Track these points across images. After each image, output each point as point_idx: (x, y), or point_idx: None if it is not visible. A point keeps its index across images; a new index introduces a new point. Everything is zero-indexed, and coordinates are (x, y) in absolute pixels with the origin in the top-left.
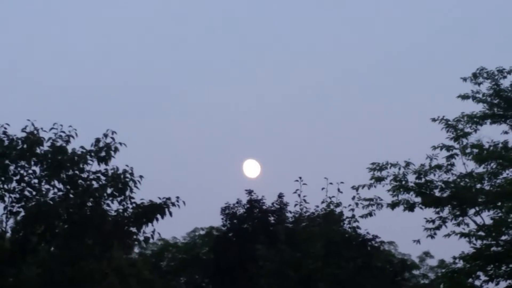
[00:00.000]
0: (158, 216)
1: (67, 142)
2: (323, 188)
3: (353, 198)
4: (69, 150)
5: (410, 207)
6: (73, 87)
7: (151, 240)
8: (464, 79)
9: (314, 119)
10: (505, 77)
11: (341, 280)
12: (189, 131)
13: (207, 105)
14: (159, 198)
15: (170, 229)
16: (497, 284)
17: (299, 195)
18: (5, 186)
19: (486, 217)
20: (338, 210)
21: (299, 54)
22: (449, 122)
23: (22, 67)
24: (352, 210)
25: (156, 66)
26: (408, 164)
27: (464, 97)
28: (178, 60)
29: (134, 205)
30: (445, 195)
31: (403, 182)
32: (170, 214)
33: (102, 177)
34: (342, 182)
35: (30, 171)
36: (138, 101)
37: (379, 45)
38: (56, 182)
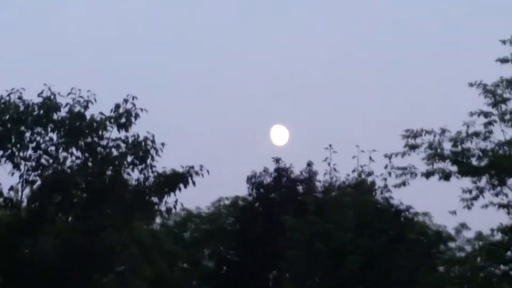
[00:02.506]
0: (181, 185)
1: (86, 107)
2: (354, 156)
3: (386, 166)
4: (88, 116)
5: (446, 176)
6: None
7: (173, 211)
8: (503, 42)
9: (345, 83)
10: None
11: (374, 252)
12: (211, 97)
13: (230, 70)
14: (182, 166)
15: (193, 199)
16: None
17: (329, 164)
18: (21, 154)
19: None
20: (370, 179)
21: (328, 12)
22: (487, 87)
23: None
24: (385, 179)
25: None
26: (443, 131)
27: (504, 60)
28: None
29: (155, 174)
30: (482, 163)
31: (439, 150)
32: (194, 183)
33: (122, 145)
34: (374, 150)
35: (46, 138)
36: (160, 66)
37: (412, 4)
38: (74, 150)
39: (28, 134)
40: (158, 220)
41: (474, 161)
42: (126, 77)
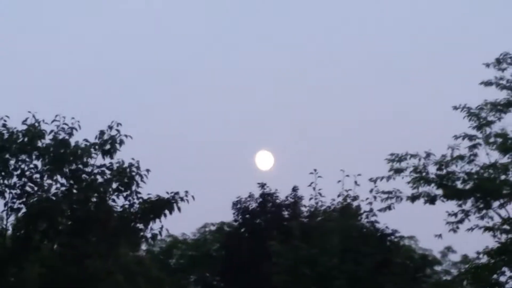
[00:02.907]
0: (166, 211)
1: (70, 134)
2: (339, 181)
3: (371, 191)
4: (72, 143)
5: (431, 200)
6: (74, 77)
7: (159, 237)
8: (487, 65)
9: (330, 109)
10: None
11: (359, 277)
12: (198, 123)
13: (215, 94)
14: (167, 192)
15: (179, 225)
16: None
17: (314, 188)
18: (6, 182)
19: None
20: (355, 203)
21: (313, 45)
22: (472, 110)
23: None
24: (370, 203)
25: (162, 55)
26: (428, 154)
27: (487, 83)
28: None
29: (140, 200)
30: (467, 187)
31: (424, 174)
32: (179, 209)
33: (107, 171)
34: (359, 175)
35: (31, 166)
36: (143, 92)
37: (397, 31)
38: (58, 177)
39: (12, 162)
40: (143, 246)
41: (459, 185)
42: (111, 103)
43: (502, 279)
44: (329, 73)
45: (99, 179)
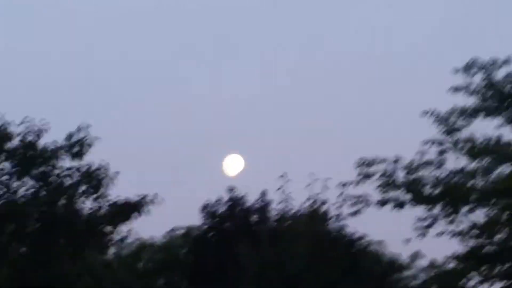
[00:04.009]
0: (135, 214)
1: (39, 136)
2: (308, 185)
3: (340, 195)
4: (41, 145)
5: (400, 204)
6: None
7: (127, 240)
8: (456, 71)
9: (300, 112)
10: (499, 68)
11: (327, 282)
12: (168, 126)
13: (185, 97)
14: (136, 195)
15: (147, 228)
16: (491, 285)
17: (283, 193)
18: None
19: (480, 215)
20: (324, 208)
21: (281, 44)
22: (441, 116)
23: None
24: (339, 208)
25: (125, 58)
26: (397, 159)
27: (456, 89)
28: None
29: (109, 203)
30: (436, 192)
31: (392, 179)
32: (148, 212)
33: (76, 174)
34: (329, 178)
35: None
36: (110, 94)
37: (367, 36)
38: (26, 179)
39: None
40: (111, 249)
41: (427, 190)
42: (77, 103)
43: (471, 284)
44: (300, 75)
45: (68, 181)
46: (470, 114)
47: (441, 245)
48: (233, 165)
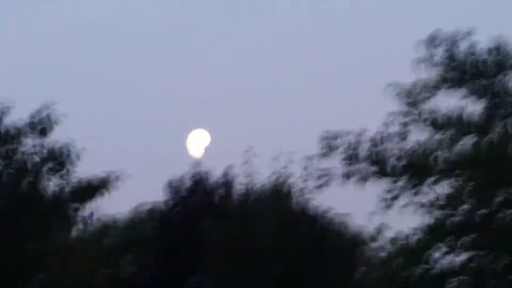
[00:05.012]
0: (102, 191)
1: (3, 115)
2: (274, 159)
3: (305, 168)
4: (5, 124)
5: (365, 177)
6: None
7: (93, 217)
8: (419, 44)
9: (265, 86)
10: (462, 39)
11: (293, 256)
12: (132, 103)
13: (150, 77)
14: (102, 172)
15: (114, 205)
16: (456, 255)
17: (248, 167)
18: None
19: (445, 187)
20: (289, 182)
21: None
22: (404, 88)
23: None
24: (304, 181)
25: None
26: (361, 132)
27: (419, 62)
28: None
29: (75, 181)
30: (400, 164)
31: (357, 152)
32: (114, 189)
33: (41, 152)
34: (295, 152)
35: None
36: (75, 73)
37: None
38: None
39: None
40: (78, 227)
41: (392, 162)
42: (42, 81)
43: (437, 255)
44: (264, 45)
45: (33, 160)
46: (433, 86)
47: (406, 217)
48: (199, 140)
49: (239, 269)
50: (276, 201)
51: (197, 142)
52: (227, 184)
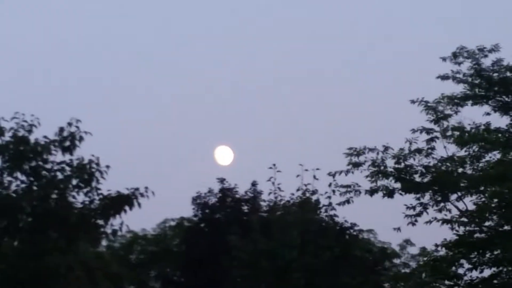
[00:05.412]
0: (126, 207)
1: (30, 131)
2: (298, 175)
3: (330, 185)
4: (32, 140)
5: (389, 193)
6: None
7: (119, 233)
8: (444, 59)
9: (289, 103)
10: (486, 56)
11: (318, 270)
12: (157, 120)
13: (174, 93)
14: (127, 189)
15: (139, 221)
16: (481, 272)
17: (273, 183)
18: None
19: (469, 203)
20: (314, 197)
21: (270, 33)
22: (429, 104)
23: None
24: (329, 197)
25: (114, 58)
26: (386, 148)
27: (444, 77)
28: (134, 52)
29: (100, 196)
30: (425, 180)
31: (382, 168)
32: (139, 205)
33: (67, 168)
34: (318, 169)
35: None
36: (100, 91)
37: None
38: (18, 174)
39: None
40: (104, 242)
41: (417, 178)
42: (69, 99)
43: (460, 271)
44: (289, 67)
45: (59, 175)
46: (458, 102)
47: (431, 233)
48: (223, 157)
49: (264, 282)
50: (302, 215)
51: (223, 158)
52: (252, 198)
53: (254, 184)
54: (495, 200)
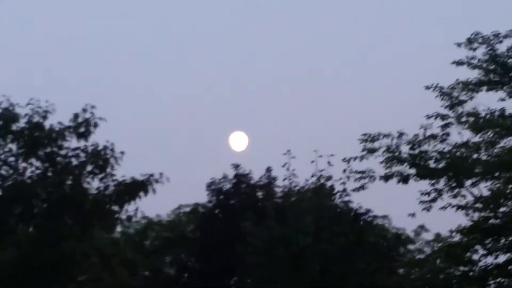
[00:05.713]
0: (141, 193)
1: (45, 118)
2: (312, 161)
3: (344, 171)
4: (47, 126)
5: (404, 179)
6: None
7: (134, 219)
8: (459, 45)
9: (304, 89)
10: (501, 41)
11: (332, 256)
12: (171, 105)
13: (190, 76)
14: (142, 174)
15: (154, 207)
16: (495, 258)
17: (287, 169)
18: None
19: (484, 189)
20: (329, 184)
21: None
22: (444, 90)
23: None
24: (344, 183)
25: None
26: (401, 134)
27: (459, 63)
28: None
29: (115, 182)
30: (440, 166)
31: (396, 153)
32: (154, 191)
33: (82, 154)
34: (332, 155)
35: (6, 149)
36: (116, 74)
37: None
38: (33, 160)
39: None
40: (118, 228)
41: (432, 164)
42: (84, 84)
43: (475, 257)
44: (304, 55)
45: (74, 161)
46: (472, 87)
47: (445, 219)
48: (238, 142)
49: (278, 268)
50: (316, 201)
51: (237, 145)
52: (267, 185)
53: (268, 170)
54: (510, 186)
